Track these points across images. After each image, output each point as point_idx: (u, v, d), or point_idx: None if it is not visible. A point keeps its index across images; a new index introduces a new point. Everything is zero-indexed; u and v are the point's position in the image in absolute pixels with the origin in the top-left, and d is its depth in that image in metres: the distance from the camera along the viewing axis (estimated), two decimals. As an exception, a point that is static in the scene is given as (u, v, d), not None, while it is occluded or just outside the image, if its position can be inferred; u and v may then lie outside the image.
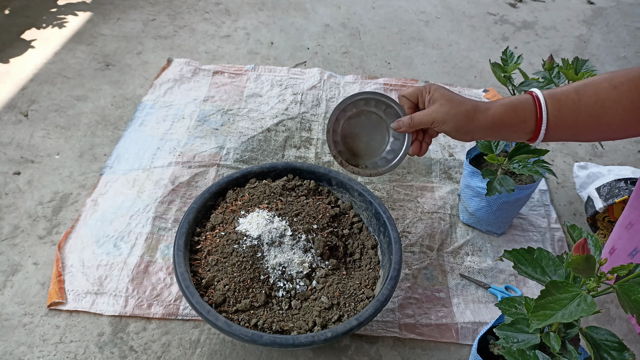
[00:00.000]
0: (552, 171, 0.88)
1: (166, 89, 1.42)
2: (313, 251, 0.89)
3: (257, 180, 1.01)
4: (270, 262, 0.86)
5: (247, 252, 0.86)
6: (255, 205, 0.95)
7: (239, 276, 0.83)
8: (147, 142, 1.24)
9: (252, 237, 0.87)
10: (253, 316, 0.81)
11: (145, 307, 0.90)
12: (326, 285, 0.86)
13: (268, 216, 0.91)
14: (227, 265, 0.85)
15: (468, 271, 1.02)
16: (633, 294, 0.50)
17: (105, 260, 0.97)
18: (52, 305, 0.89)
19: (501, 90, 1.52)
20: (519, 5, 2.07)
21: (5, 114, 1.30)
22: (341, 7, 1.95)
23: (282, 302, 0.84)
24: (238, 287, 0.83)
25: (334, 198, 1.02)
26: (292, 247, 0.88)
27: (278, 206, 0.94)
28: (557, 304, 0.52)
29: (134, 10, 1.79)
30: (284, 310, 0.83)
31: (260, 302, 0.82)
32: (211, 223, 0.93)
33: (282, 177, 1.02)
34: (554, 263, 0.61)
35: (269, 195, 0.96)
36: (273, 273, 0.85)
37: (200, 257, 0.88)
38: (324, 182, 1.03)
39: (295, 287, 0.85)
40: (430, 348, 0.89)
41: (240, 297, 0.82)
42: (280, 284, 0.85)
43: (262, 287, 0.84)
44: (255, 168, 1.01)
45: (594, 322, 0.94)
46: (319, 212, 0.95)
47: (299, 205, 0.95)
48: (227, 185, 0.99)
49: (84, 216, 1.05)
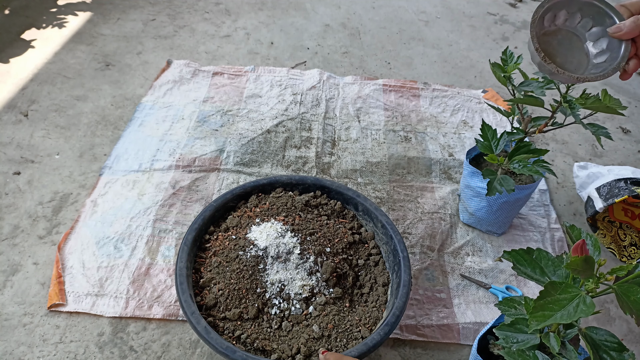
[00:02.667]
0: (552, 171, 0.88)
1: (166, 90, 1.42)
2: (319, 275, 0.85)
3: (283, 190, 0.99)
4: (270, 276, 0.83)
5: (250, 261, 0.84)
6: (272, 216, 0.92)
7: (235, 284, 0.82)
8: (147, 143, 1.24)
9: (259, 247, 0.85)
10: (239, 327, 0.79)
11: (145, 309, 0.90)
12: (323, 313, 0.81)
13: (281, 229, 0.88)
14: (227, 270, 0.84)
15: (469, 271, 1.02)
16: (632, 295, 0.50)
17: (105, 261, 0.97)
18: (53, 307, 0.89)
19: (501, 90, 1.52)
20: (519, 5, 2.07)
21: (5, 114, 1.30)
22: (341, 7, 1.95)
23: (273, 321, 0.81)
24: (232, 294, 0.81)
25: (357, 224, 0.97)
26: (297, 266, 0.84)
27: (295, 221, 0.90)
28: (556, 304, 0.52)
29: (134, 10, 1.79)
30: (273, 329, 0.80)
31: (250, 315, 0.80)
32: (226, 224, 0.92)
33: (309, 192, 0.99)
34: (554, 263, 0.61)
35: (290, 208, 0.93)
36: (271, 288, 0.82)
37: (206, 256, 0.87)
38: (351, 206, 0.98)
39: (290, 308, 0.82)
40: (430, 348, 0.89)
41: (231, 305, 0.80)
42: (276, 301, 0.82)
43: (255, 300, 0.81)
44: (284, 178, 0.99)
45: (594, 323, 0.94)
46: (337, 236, 0.91)
47: (317, 225, 0.91)
48: (252, 190, 0.97)
49: (84, 217, 1.05)
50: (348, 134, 1.33)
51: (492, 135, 0.96)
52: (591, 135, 1.05)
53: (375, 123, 1.37)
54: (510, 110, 0.97)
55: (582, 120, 0.81)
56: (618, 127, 1.45)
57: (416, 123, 1.39)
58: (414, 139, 1.33)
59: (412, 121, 1.39)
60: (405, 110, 1.43)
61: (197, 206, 1.10)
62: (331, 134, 1.33)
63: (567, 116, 0.84)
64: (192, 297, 0.78)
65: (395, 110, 1.42)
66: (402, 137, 1.33)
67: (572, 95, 0.82)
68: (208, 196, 1.12)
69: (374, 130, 1.35)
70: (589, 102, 0.75)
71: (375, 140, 1.32)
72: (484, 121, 0.97)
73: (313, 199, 0.98)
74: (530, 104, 0.84)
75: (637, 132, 1.44)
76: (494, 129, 0.96)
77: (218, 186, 1.15)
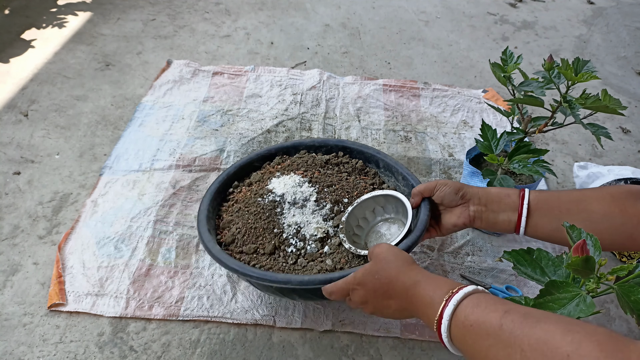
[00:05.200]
0: (552, 171, 0.88)
1: (166, 90, 1.42)
2: (333, 222, 0.90)
3: (307, 152, 1.04)
4: (287, 219, 0.89)
5: (268, 205, 0.90)
6: (292, 171, 0.98)
7: (253, 224, 0.88)
8: (147, 143, 1.24)
9: (276, 194, 0.92)
10: (254, 259, 0.85)
11: (146, 309, 0.90)
12: (337, 251, 0.86)
13: (299, 180, 0.94)
14: (246, 213, 0.91)
15: (469, 271, 1.02)
16: (633, 295, 0.50)
17: (106, 262, 0.97)
18: (53, 306, 0.89)
19: (501, 90, 1.52)
20: (519, 5, 2.07)
21: (5, 114, 1.30)
22: (341, 7, 1.95)
23: (289, 257, 0.86)
24: (249, 232, 0.88)
25: (379, 180, 1.01)
26: (314, 212, 0.90)
27: (314, 175, 0.96)
28: (556, 303, 0.52)
29: (134, 10, 1.79)
30: (289, 264, 0.85)
31: (267, 251, 0.86)
32: (250, 180, 0.99)
33: (331, 154, 1.04)
34: (554, 263, 0.61)
35: (311, 165, 0.99)
36: (288, 230, 0.88)
37: (228, 205, 0.96)
38: (372, 164, 1.02)
39: (305, 247, 0.87)
40: (430, 348, 0.89)
41: (248, 241, 0.87)
42: (293, 241, 0.87)
43: (272, 239, 0.87)
44: (307, 141, 1.05)
45: (594, 322, 0.94)
46: (356, 189, 0.95)
47: (335, 179, 0.96)
48: (276, 152, 1.03)
49: (84, 217, 1.05)
50: (348, 134, 1.33)
51: (492, 135, 0.96)
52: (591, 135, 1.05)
53: (375, 123, 1.37)
54: (510, 110, 0.97)
55: (582, 120, 0.80)
56: (618, 127, 1.45)
57: (416, 123, 1.39)
58: (414, 138, 1.33)
59: (412, 121, 1.39)
60: (406, 110, 1.43)
61: (198, 206, 1.10)
62: (331, 134, 1.33)
63: (567, 116, 0.84)
64: (211, 232, 0.86)
65: (396, 110, 1.42)
66: (402, 137, 1.33)
67: (572, 95, 0.82)
68: (208, 196, 1.13)
69: (374, 130, 1.35)
70: (588, 102, 0.75)
71: (375, 140, 1.32)
72: (483, 121, 0.97)
73: (335, 157, 1.03)
74: (530, 104, 0.84)
75: (637, 132, 1.44)
76: (493, 129, 0.96)
77: (218, 186, 1.15)
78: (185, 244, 1.02)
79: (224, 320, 0.90)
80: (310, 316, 0.91)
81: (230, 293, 0.94)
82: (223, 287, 0.95)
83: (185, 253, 1.00)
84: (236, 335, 0.88)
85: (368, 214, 0.92)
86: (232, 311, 0.91)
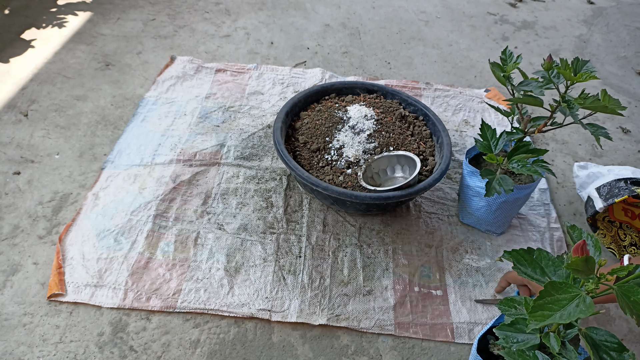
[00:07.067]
0: (551, 171, 0.88)
1: (169, 85, 1.43)
2: (369, 158, 1.06)
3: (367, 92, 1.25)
4: (340, 135, 1.08)
5: (336, 117, 1.11)
6: (372, 106, 1.16)
7: (318, 123, 1.11)
8: (149, 138, 1.25)
9: (347, 115, 1.12)
10: (301, 149, 1.09)
11: (144, 300, 0.91)
12: (350, 176, 1.04)
13: (370, 115, 1.11)
14: (318, 117, 1.13)
15: (466, 269, 1.02)
16: (632, 295, 0.50)
17: (105, 253, 0.98)
18: (52, 296, 0.89)
19: (503, 89, 1.52)
20: (519, 5, 2.07)
21: (5, 114, 1.30)
22: (341, 7, 1.95)
23: (322, 161, 1.07)
24: (312, 126, 1.11)
25: (432, 153, 1.13)
26: (360, 142, 1.07)
27: (385, 119, 1.13)
28: (555, 304, 0.52)
29: (134, 10, 1.79)
30: (319, 166, 1.07)
31: (312, 148, 1.07)
32: (319, 106, 1.18)
33: (387, 98, 1.22)
34: (554, 263, 0.61)
35: (388, 110, 1.16)
36: (335, 143, 1.08)
37: (300, 122, 1.15)
38: (436, 138, 1.14)
39: (337, 161, 1.06)
40: (429, 348, 0.89)
41: (307, 133, 1.10)
42: (332, 152, 1.07)
43: (322, 142, 1.08)
44: (365, 84, 1.25)
45: (594, 323, 0.94)
46: (405, 146, 1.09)
47: (398, 131, 1.11)
48: (332, 89, 1.24)
49: (85, 209, 1.06)
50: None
51: (492, 134, 0.96)
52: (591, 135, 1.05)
53: (375, 123, 1.37)
54: (510, 110, 0.97)
55: (581, 120, 0.80)
56: (618, 127, 1.45)
57: (416, 123, 1.38)
58: (414, 138, 1.33)
59: (412, 121, 1.39)
60: (405, 110, 1.43)
61: (197, 200, 1.10)
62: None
63: (566, 116, 0.84)
64: (282, 143, 1.03)
65: (395, 110, 1.42)
66: (402, 137, 1.33)
67: (571, 95, 0.82)
68: (208, 190, 1.13)
69: (374, 130, 1.35)
70: (587, 102, 0.75)
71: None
72: (483, 121, 0.97)
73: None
74: (529, 104, 0.84)
75: (637, 132, 1.44)
76: (493, 129, 0.96)
77: (218, 180, 1.16)
78: (184, 238, 1.03)
79: (220, 313, 0.90)
80: (306, 311, 0.92)
81: (227, 287, 0.94)
82: (220, 280, 0.95)
83: (184, 247, 1.01)
84: (236, 335, 0.88)
85: (389, 167, 1.08)
86: (228, 304, 0.91)
